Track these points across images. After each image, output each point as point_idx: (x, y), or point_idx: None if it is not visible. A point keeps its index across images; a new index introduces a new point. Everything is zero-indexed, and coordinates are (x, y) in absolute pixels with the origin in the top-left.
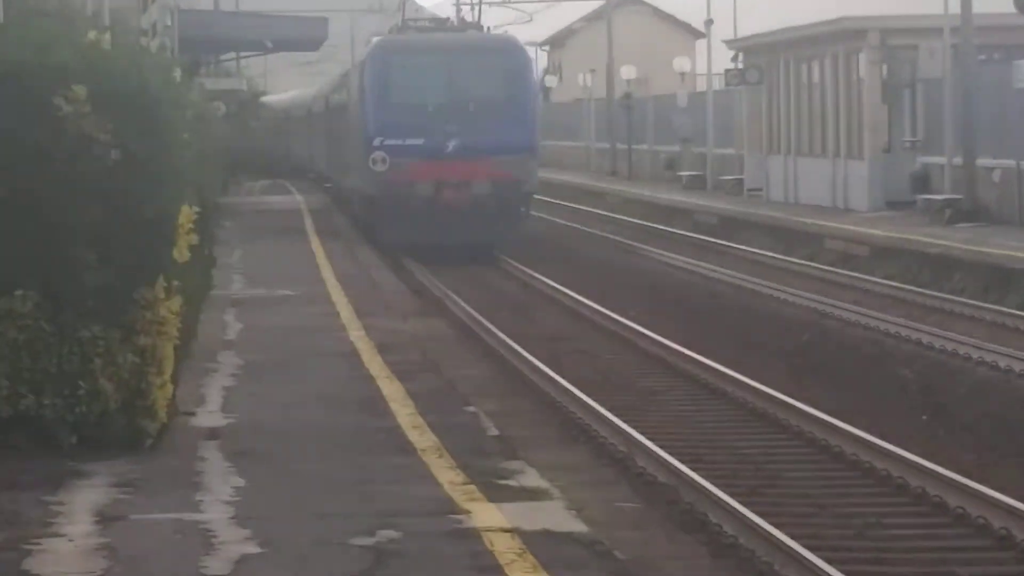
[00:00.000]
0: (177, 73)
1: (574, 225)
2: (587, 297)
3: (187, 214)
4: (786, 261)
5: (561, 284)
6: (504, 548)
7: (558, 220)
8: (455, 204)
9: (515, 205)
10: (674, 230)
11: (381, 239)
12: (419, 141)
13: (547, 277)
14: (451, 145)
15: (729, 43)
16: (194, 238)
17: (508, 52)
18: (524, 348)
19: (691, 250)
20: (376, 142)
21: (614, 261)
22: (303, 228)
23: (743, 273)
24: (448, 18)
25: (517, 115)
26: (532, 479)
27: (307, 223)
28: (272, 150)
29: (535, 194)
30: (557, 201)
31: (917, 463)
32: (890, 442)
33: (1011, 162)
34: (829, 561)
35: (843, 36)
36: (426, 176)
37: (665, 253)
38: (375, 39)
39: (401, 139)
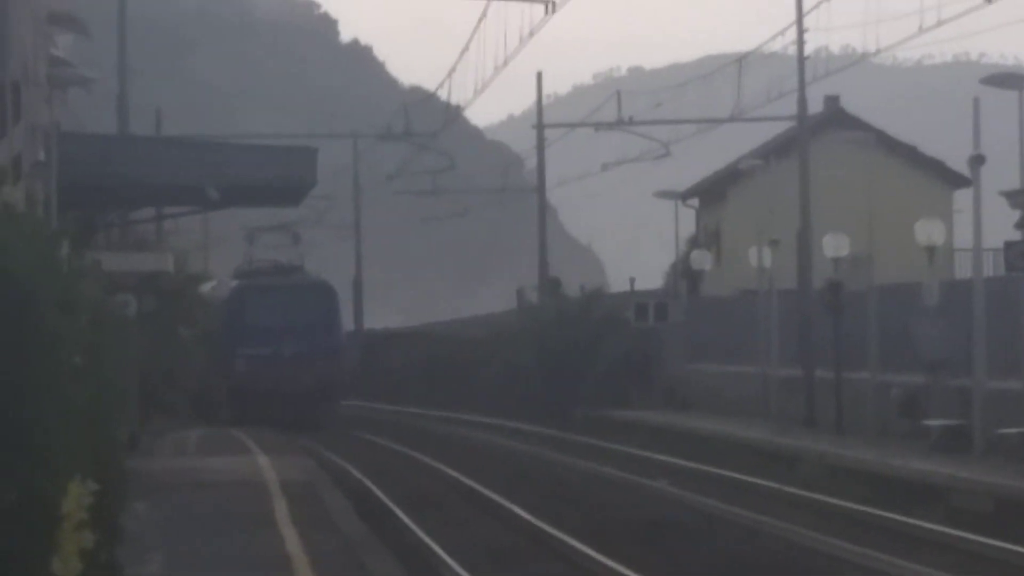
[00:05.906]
0: (64, 249)
1: (743, 514)
2: None
3: (78, 496)
4: None
5: None
6: None
7: (718, 504)
8: (291, 392)
9: (332, 392)
10: (918, 523)
11: (241, 417)
12: (266, 351)
13: None
14: (287, 353)
15: (1012, 195)
16: (88, 537)
17: (322, 290)
18: None
19: (950, 562)
20: (239, 351)
21: None
22: (271, 517)
23: None
24: (280, 262)
25: (328, 331)
26: None
27: (277, 508)
28: (212, 373)
29: (345, 384)
30: (712, 469)
31: None
32: None
33: None
34: None
35: None
36: (271, 373)
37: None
38: (234, 283)
39: (255, 349)
